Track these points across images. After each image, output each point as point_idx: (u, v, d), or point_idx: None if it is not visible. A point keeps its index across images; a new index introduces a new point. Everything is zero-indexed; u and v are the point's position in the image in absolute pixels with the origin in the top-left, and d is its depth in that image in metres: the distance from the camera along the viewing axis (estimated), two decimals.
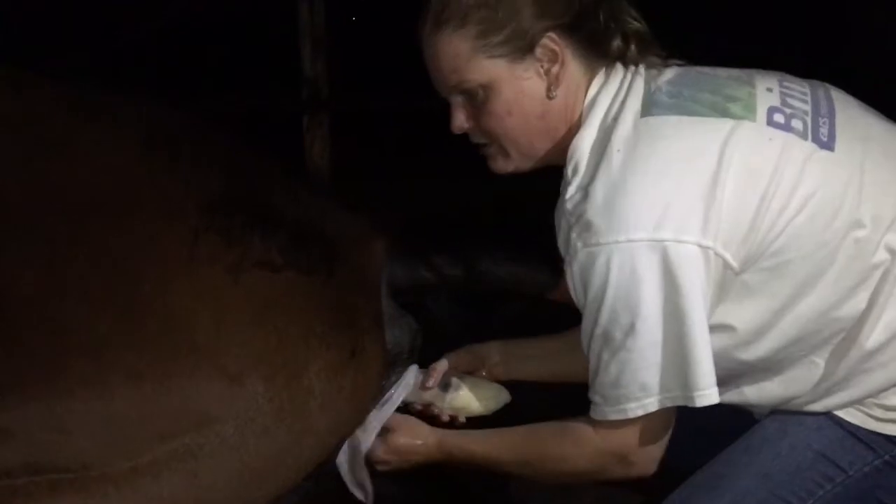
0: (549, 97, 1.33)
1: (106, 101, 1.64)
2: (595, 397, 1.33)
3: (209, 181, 1.47)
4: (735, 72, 1.39)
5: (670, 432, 1.35)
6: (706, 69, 1.38)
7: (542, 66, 1.33)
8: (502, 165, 1.40)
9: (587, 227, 1.25)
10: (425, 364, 1.59)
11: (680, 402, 1.29)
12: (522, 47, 1.31)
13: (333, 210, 1.59)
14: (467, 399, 1.55)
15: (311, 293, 1.41)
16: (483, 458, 1.44)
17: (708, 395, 1.27)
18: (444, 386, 1.55)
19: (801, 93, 1.36)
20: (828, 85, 1.42)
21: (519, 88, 1.33)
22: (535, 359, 1.61)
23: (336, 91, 3.77)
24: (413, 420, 1.52)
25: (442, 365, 1.59)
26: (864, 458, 1.35)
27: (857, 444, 1.35)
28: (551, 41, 1.31)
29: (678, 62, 1.39)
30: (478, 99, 1.34)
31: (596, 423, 1.34)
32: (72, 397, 1.22)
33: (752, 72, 1.39)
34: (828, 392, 1.35)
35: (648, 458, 1.35)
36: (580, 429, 1.36)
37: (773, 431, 1.39)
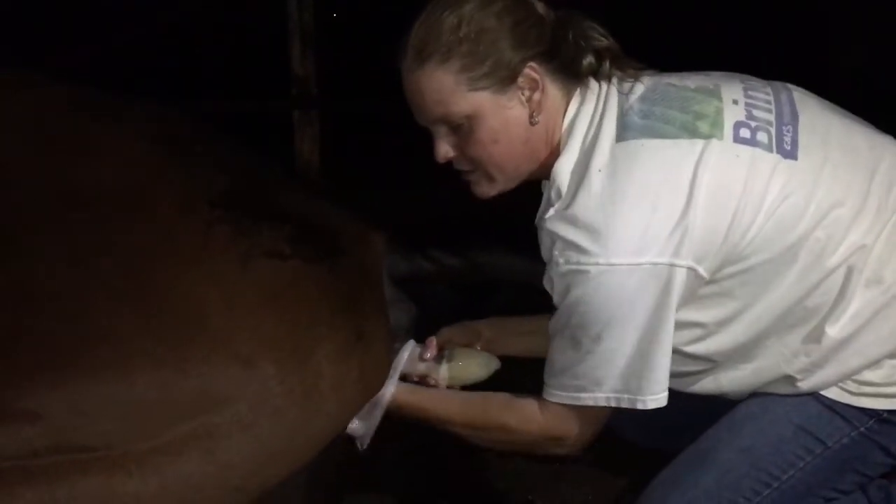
0: (532, 123, 1.39)
1: (110, 102, 1.70)
2: (550, 380, 1.42)
3: (217, 178, 1.54)
4: (702, 80, 1.44)
5: (602, 427, 1.45)
6: (675, 80, 1.44)
7: (524, 94, 1.38)
8: (486, 190, 1.45)
9: (569, 246, 1.33)
10: (422, 340, 1.66)
11: (626, 405, 1.38)
12: (505, 78, 1.36)
13: (333, 206, 1.66)
14: (460, 368, 1.62)
15: (318, 281, 1.48)
16: (433, 414, 1.53)
17: (656, 399, 1.37)
18: (438, 358, 1.63)
19: (765, 101, 1.42)
20: (790, 86, 1.48)
21: (503, 117, 1.38)
22: (526, 335, 1.68)
23: (326, 89, 3.81)
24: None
25: (438, 338, 1.66)
26: (841, 430, 1.42)
27: (834, 417, 1.42)
28: (532, 70, 1.37)
29: (650, 72, 1.45)
30: (462, 129, 1.39)
31: (543, 405, 1.43)
32: (95, 382, 1.27)
33: (719, 79, 1.44)
34: (803, 376, 1.41)
35: (580, 444, 1.46)
36: (529, 406, 1.45)
37: (754, 408, 1.46)
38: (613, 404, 1.39)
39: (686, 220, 1.30)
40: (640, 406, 1.37)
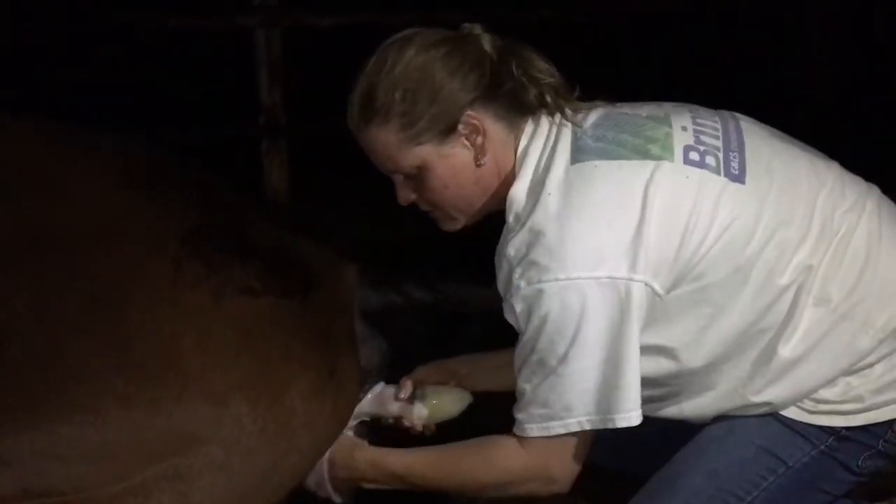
0: (478, 165, 1.43)
1: (80, 135, 1.69)
2: (520, 415, 1.42)
3: (187, 211, 1.53)
4: (653, 109, 1.49)
5: (587, 453, 1.44)
6: (627, 109, 1.48)
7: (466, 140, 1.42)
8: (451, 226, 1.51)
9: (529, 266, 1.35)
10: (395, 381, 1.66)
11: (599, 426, 1.39)
12: (445, 129, 1.40)
13: (303, 238, 1.65)
14: (434, 406, 1.63)
15: (289, 317, 1.47)
16: (409, 478, 1.50)
17: (629, 417, 1.37)
18: (411, 398, 1.62)
19: (712, 128, 1.46)
20: (737, 115, 1.53)
21: (450, 164, 1.42)
22: (501, 369, 1.67)
23: (294, 117, 3.81)
24: (350, 438, 1.57)
25: (412, 377, 1.66)
26: (802, 449, 1.45)
27: (794, 436, 1.45)
28: (470, 117, 1.41)
29: (600, 103, 1.48)
30: (416, 178, 1.45)
31: (521, 440, 1.43)
32: (64, 424, 1.26)
33: (668, 108, 1.49)
34: (760, 398, 1.44)
35: (568, 475, 1.44)
36: (507, 443, 1.44)
37: (718, 431, 1.48)
38: (587, 427, 1.39)
39: (640, 237, 1.34)
40: (611, 425, 1.38)
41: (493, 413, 1.55)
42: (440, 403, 1.62)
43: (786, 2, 4.29)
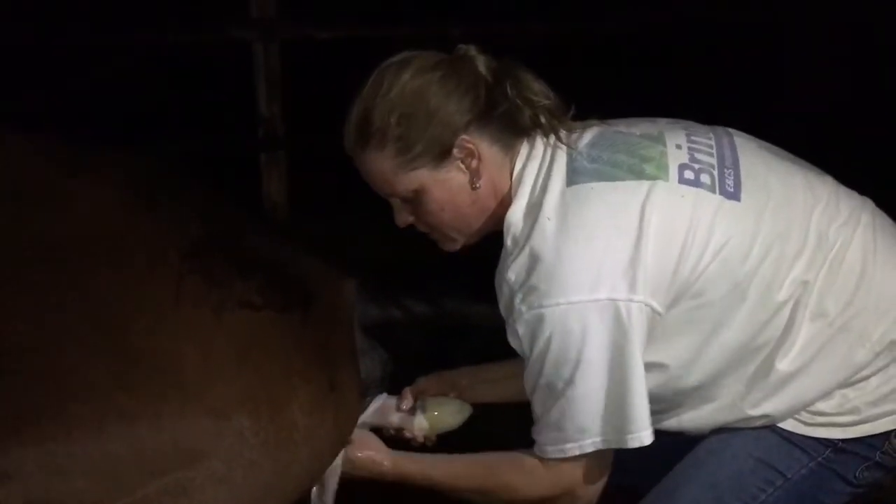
0: (474, 188, 1.45)
1: (79, 151, 1.69)
2: (538, 437, 1.45)
3: (187, 227, 1.54)
4: (647, 126, 1.50)
5: (610, 469, 1.46)
6: (622, 127, 1.50)
7: (461, 163, 1.44)
8: (451, 246, 1.53)
9: (530, 291, 1.37)
10: (395, 392, 1.67)
11: (614, 445, 1.41)
12: (440, 154, 1.42)
13: (303, 252, 1.66)
14: (435, 418, 1.64)
15: (290, 331, 1.48)
16: (440, 481, 1.53)
17: (640, 437, 1.39)
18: (412, 409, 1.63)
19: (707, 146, 1.48)
20: (731, 131, 1.54)
21: (446, 188, 1.44)
22: (500, 381, 1.70)
23: (292, 129, 3.83)
24: (373, 437, 1.59)
25: (413, 388, 1.68)
26: (799, 461, 1.47)
27: (792, 448, 1.47)
28: (464, 141, 1.43)
29: (595, 121, 1.50)
30: (413, 201, 1.47)
31: (542, 461, 1.45)
32: (68, 440, 1.26)
33: (663, 125, 1.51)
34: (758, 411, 1.45)
35: (593, 493, 1.47)
36: (533, 463, 1.46)
37: (716, 443, 1.50)
38: (601, 447, 1.40)
39: (637, 258, 1.35)
40: (624, 445, 1.40)
41: (493, 424, 1.56)
42: (441, 415, 1.64)
43: (784, 10, 4.31)
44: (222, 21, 3.82)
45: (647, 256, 1.35)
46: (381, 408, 1.62)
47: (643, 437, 1.39)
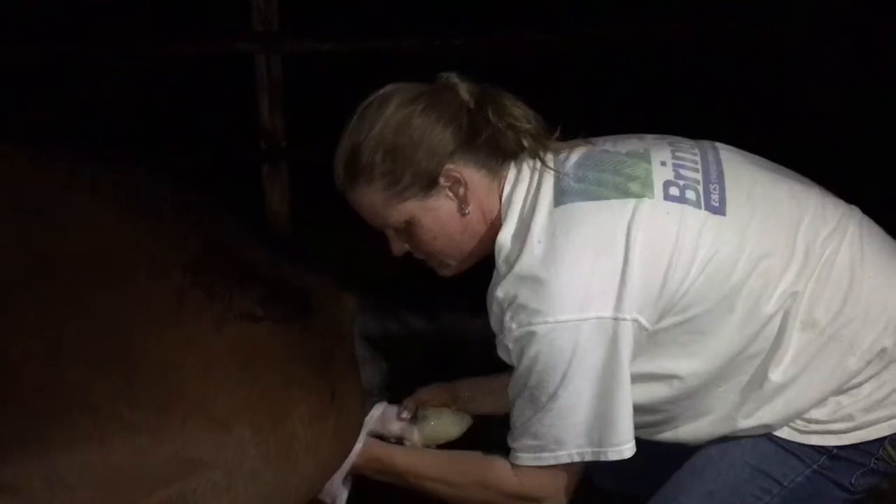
0: (463, 214, 1.47)
1: (83, 165, 1.71)
2: (513, 443, 1.46)
3: (188, 242, 1.55)
4: (633, 143, 1.51)
5: (579, 479, 1.48)
6: (608, 146, 1.51)
7: (449, 192, 1.46)
8: (446, 272, 1.56)
9: (519, 310, 1.39)
10: (395, 401, 1.68)
11: (590, 458, 1.42)
12: (427, 184, 1.45)
13: (303, 265, 1.68)
14: (434, 428, 1.65)
15: (290, 342, 1.50)
16: (407, 469, 1.56)
17: (620, 451, 1.41)
18: (412, 419, 1.65)
19: (692, 161, 1.49)
20: (717, 144, 1.55)
21: (436, 217, 1.47)
22: (500, 392, 1.69)
23: (294, 141, 3.85)
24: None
25: (414, 398, 1.69)
26: (795, 468, 1.47)
27: (788, 456, 1.47)
28: (450, 171, 1.45)
29: (581, 141, 1.51)
30: (405, 231, 1.49)
31: (515, 467, 1.47)
32: (71, 452, 1.28)
33: (649, 142, 1.52)
34: (753, 421, 1.46)
35: (560, 501, 1.48)
36: (503, 468, 1.48)
37: (713, 452, 1.51)
38: (577, 459, 1.42)
39: (625, 276, 1.37)
40: (603, 458, 1.41)
41: (493, 436, 1.57)
42: (440, 425, 1.65)
43: (783, 20, 4.32)
44: (225, 34, 3.85)
45: (633, 274, 1.37)
46: (382, 416, 1.63)
47: (624, 450, 1.40)
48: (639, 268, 1.37)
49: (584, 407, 1.39)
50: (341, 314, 1.66)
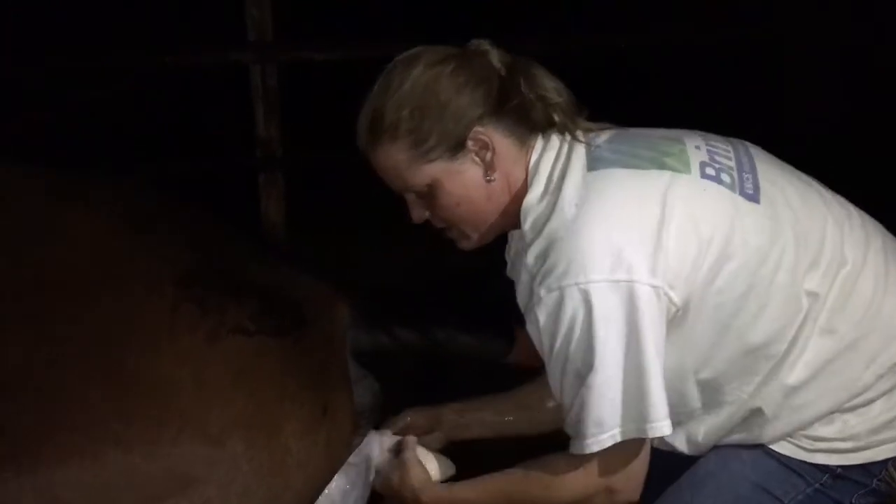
0: (488, 181, 1.43)
1: (78, 179, 1.72)
2: (569, 431, 1.40)
3: (182, 255, 1.55)
4: (664, 131, 1.49)
5: (648, 458, 1.40)
6: (639, 130, 1.49)
7: (475, 156, 1.42)
8: (466, 244, 1.50)
9: (549, 273, 1.34)
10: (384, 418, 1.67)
11: (633, 435, 1.35)
12: (454, 146, 1.40)
13: (297, 276, 1.67)
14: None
15: (283, 356, 1.50)
16: (475, 502, 1.49)
17: (660, 426, 1.34)
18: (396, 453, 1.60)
19: (724, 150, 1.47)
20: (746, 143, 1.53)
21: (460, 181, 1.42)
22: (488, 416, 1.69)
23: (290, 149, 3.86)
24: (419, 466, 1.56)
25: (401, 421, 1.67)
26: (796, 486, 1.45)
27: (790, 474, 1.45)
28: (478, 133, 1.41)
29: (609, 124, 1.49)
30: (427, 195, 1.45)
31: (576, 457, 1.39)
32: (64, 468, 1.28)
33: (680, 132, 1.50)
34: (760, 427, 1.44)
35: (631, 486, 1.41)
36: (563, 463, 1.41)
37: (713, 466, 1.48)
38: (619, 439, 1.35)
39: (660, 243, 1.32)
40: (643, 435, 1.35)
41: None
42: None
43: (779, 30, 4.33)
44: (220, 44, 3.86)
45: (668, 243, 1.32)
46: (367, 448, 1.60)
47: (663, 426, 1.34)
48: (675, 237, 1.33)
49: (619, 379, 1.32)
50: (334, 327, 1.66)
